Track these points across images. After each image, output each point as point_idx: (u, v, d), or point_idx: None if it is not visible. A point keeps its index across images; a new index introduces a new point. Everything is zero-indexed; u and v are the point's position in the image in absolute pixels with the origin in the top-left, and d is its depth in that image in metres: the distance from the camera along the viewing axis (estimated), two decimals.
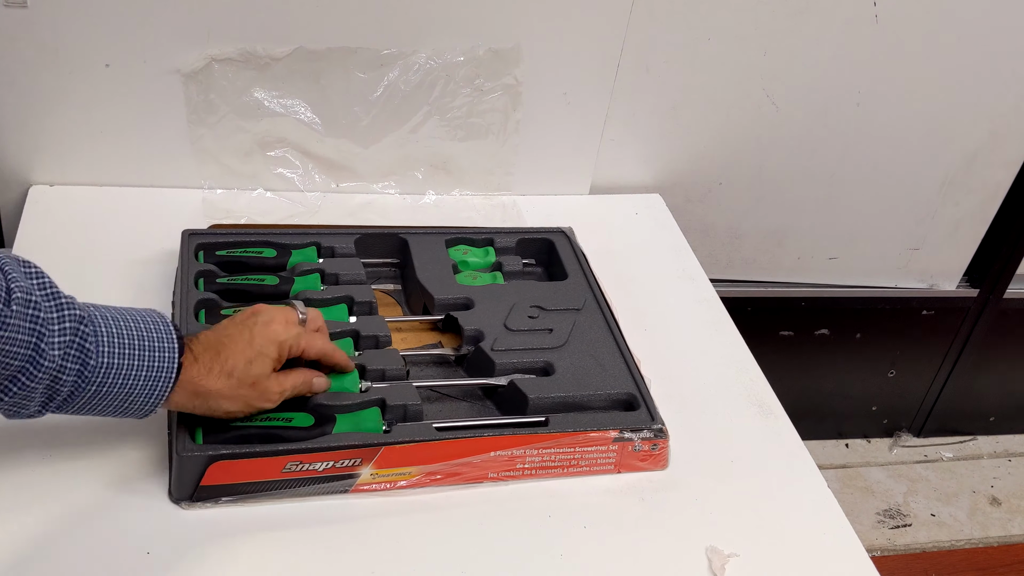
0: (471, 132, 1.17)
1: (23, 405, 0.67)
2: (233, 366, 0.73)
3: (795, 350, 1.59)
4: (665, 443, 0.86)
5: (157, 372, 0.70)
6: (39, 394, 0.67)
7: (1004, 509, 1.74)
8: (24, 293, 0.64)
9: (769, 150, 1.32)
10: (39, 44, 1.02)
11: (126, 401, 0.70)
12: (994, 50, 1.27)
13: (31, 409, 0.68)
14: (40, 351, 0.64)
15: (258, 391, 0.75)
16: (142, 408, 0.71)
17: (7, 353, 0.63)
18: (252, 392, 0.75)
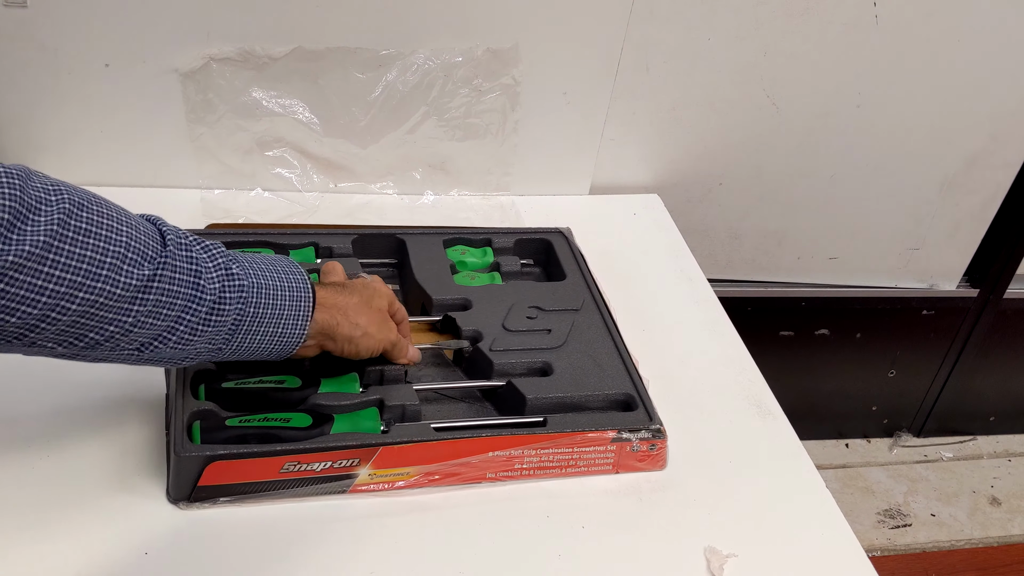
0: (469, 132, 1.17)
1: (189, 342, 0.68)
2: (360, 293, 0.80)
3: (795, 350, 1.59)
4: (663, 443, 0.86)
5: (298, 287, 0.74)
6: (203, 333, 0.68)
7: (1004, 509, 1.74)
8: (175, 236, 0.67)
9: (769, 150, 1.32)
10: (39, 44, 1.02)
11: (280, 324, 0.73)
12: (994, 51, 1.27)
13: (197, 346, 0.69)
14: (200, 286, 0.67)
15: (384, 318, 0.82)
16: (295, 330, 0.74)
17: (172, 293, 0.65)
18: (382, 317, 0.81)
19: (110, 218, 0.62)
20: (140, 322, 0.64)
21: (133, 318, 0.64)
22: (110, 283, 0.61)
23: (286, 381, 0.83)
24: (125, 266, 0.62)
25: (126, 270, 0.62)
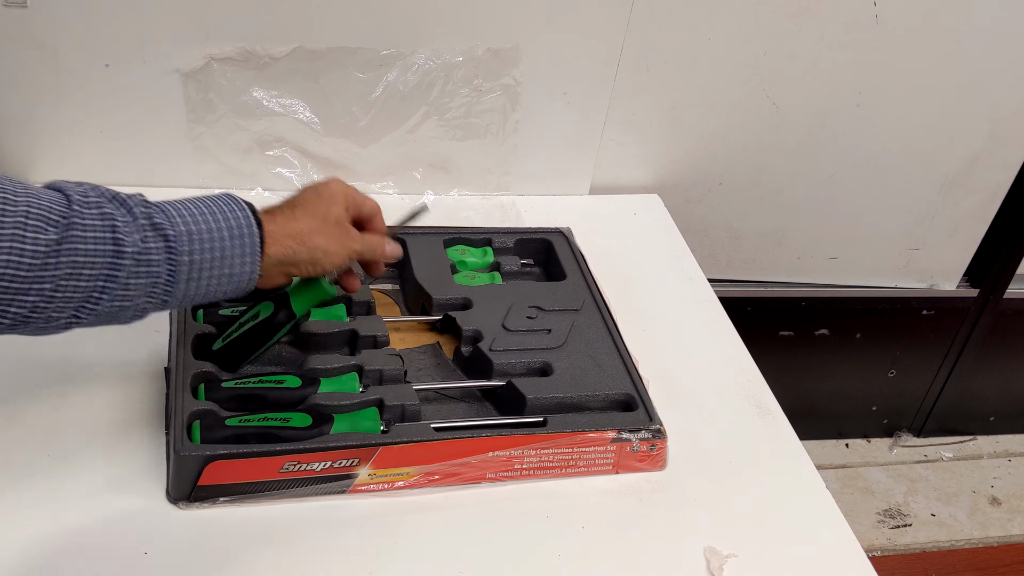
0: (470, 132, 1.17)
1: (126, 297, 0.66)
2: (313, 209, 0.76)
3: (795, 350, 1.59)
4: (663, 443, 0.86)
5: (239, 226, 0.71)
6: (137, 287, 0.66)
7: (1004, 509, 1.74)
8: (82, 195, 0.64)
9: (769, 150, 1.32)
10: (39, 44, 1.02)
11: (227, 267, 0.70)
12: (994, 51, 1.27)
13: (137, 301, 0.67)
14: (118, 240, 0.64)
15: (344, 229, 0.78)
16: (246, 269, 0.71)
17: (89, 252, 0.63)
18: (340, 230, 0.78)
19: (3, 191, 0.61)
20: (61, 286, 0.63)
21: (52, 284, 0.62)
22: (15, 254, 0.60)
23: (286, 381, 0.83)
24: (28, 234, 0.60)
25: (30, 237, 0.60)
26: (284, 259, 0.74)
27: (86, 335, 0.90)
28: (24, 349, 0.89)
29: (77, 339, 0.90)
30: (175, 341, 0.85)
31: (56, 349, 0.89)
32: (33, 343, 0.89)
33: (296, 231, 0.75)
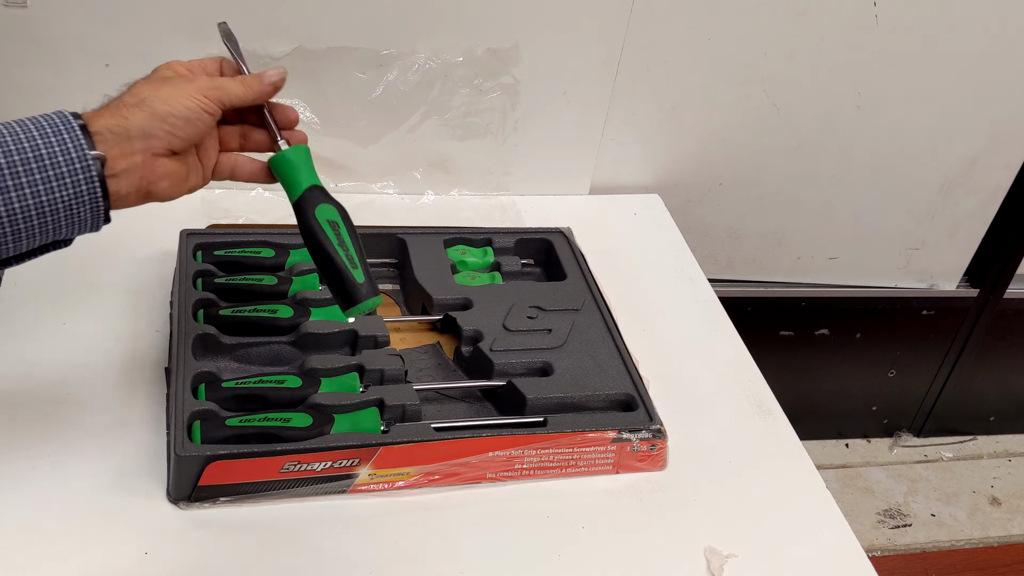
0: (470, 132, 1.17)
1: None
2: (142, 91, 0.67)
3: (795, 350, 1.59)
4: (663, 443, 0.86)
5: (49, 121, 0.62)
6: None
7: (1004, 509, 1.74)
8: None
9: (769, 150, 1.32)
10: (39, 44, 1.02)
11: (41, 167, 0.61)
12: (995, 52, 1.27)
13: None
14: None
15: (180, 77, 0.69)
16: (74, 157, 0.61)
17: None
18: (176, 80, 0.68)
19: None
20: None
21: None
22: None
23: (286, 381, 0.83)
24: None
25: None
26: (119, 129, 0.64)
27: (86, 336, 0.91)
28: (25, 349, 0.89)
29: (78, 339, 0.91)
30: (175, 341, 0.85)
31: (56, 349, 0.89)
32: (34, 343, 0.89)
33: (120, 100, 0.66)
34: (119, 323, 0.93)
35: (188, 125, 0.67)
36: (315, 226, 0.72)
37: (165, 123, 0.66)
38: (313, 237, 0.72)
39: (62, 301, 0.94)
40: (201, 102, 0.68)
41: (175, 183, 0.69)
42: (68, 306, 0.94)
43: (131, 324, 0.93)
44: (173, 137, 0.66)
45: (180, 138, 0.67)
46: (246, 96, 0.71)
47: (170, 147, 0.67)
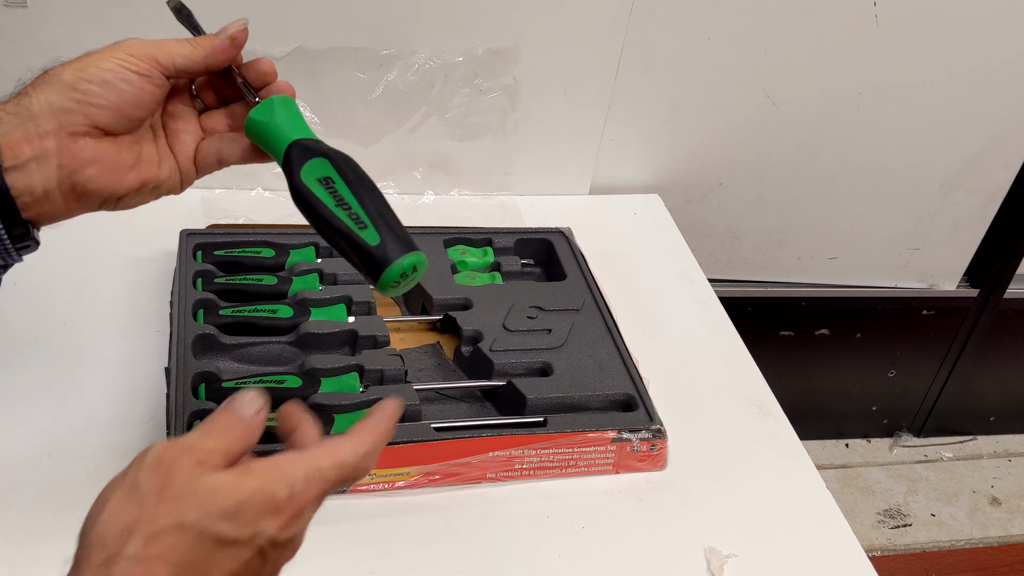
0: (470, 132, 1.17)
1: None
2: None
3: (795, 350, 1.59)
4: (663, 444, 0.86)
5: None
6: None
7: (1004, 509, 1.74)
8: None
9: (769, 150, 1.32)
10: (39, 44, 1.02)
11: None
12: (995, 51, 1.27)
13: None
14: None
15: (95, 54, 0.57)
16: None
17: None
18: None
19: None
20: None
21: None
22: None
23: (286, 381, 0.83)
24: None
25: None
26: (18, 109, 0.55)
27: (86, 336, 0.91)
28: (25, 348, 0.89)
29: (78, 339, 0.91)
30: (175, 341, 0.85)
31: (56, 349, 0.89)
32: (33, 343, 0.89)
33: (31, 81, 0.56)
34: (119, 323, 0.93)
35: (107, 90, 0.54)
36: (303, 189, 0.57)
37: (75, 91, 0.54)
38: (305, 205, 0.57)
39: (61, 301, 0.94)
40: (124, 61, 0.55)
41: (110, 169, 0.55)
42: (68, 306, 0.94)
43: (131, 324, 0.93)
44: (90, 106, 0.53)
45: (99, 107, 0.54)
46: (195, 54, 0.59)
47: (91, 120, 0.54)
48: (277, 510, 0.46)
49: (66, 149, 0.53)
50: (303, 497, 0.47)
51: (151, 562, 0.43)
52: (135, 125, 0.57)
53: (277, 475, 0.47)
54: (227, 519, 0.44)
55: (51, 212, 0.54)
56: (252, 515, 0.45)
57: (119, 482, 0.46)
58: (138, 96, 0.56)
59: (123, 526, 0.44)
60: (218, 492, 0.45)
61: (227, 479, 0.45)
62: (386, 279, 0.54)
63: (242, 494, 0.45)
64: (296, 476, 0.47)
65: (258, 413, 0.50)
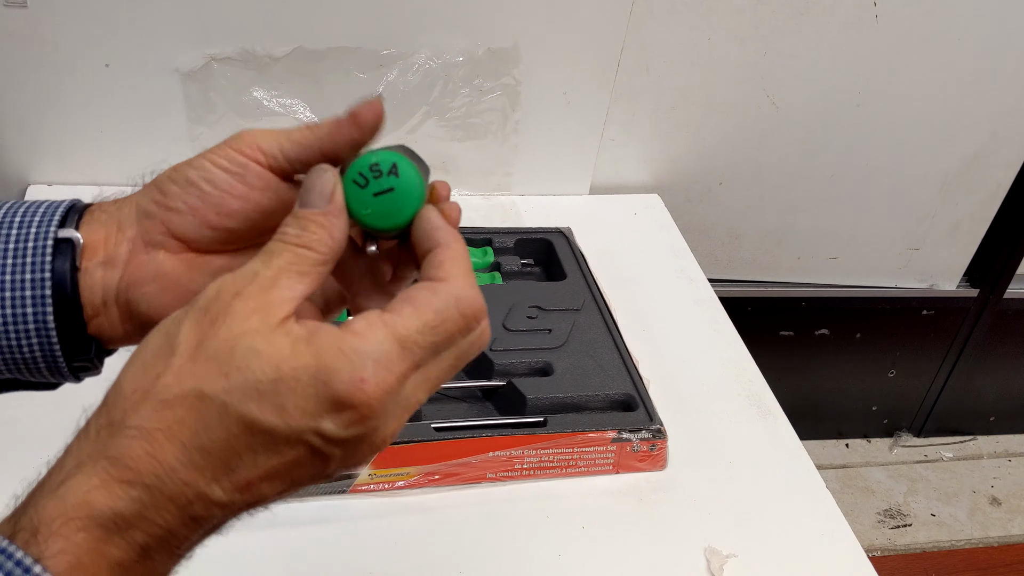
0: (470, 132, 1.17)
1: None
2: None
3: (795, 350, 1.59)
4: (663, 444, 0.86)
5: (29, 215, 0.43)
6: None
7: (1004, 509, 1.74)
8: None
9: (769, 150, 1.32)
10: (39, 44, 1.02)
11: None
12: (994, 51, 1.27)
13: None
14: None
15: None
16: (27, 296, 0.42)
17: None
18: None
19: None
20: None
21: None
22: None
23: None
24: None
25: None
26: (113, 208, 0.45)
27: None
28: None
29: None
30: None
31: None
32: None
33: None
34: None
35: (188, 191, 0.43)
36: None
37: (160, 191, 0.43)
38: None
39: None
40: (217, 155, 0.43)
41: (166, 290, 0.44)
42: None
43: None
44: (168, 211, 0.43)
45: (176, 211, 0.43)
46: (306, 136, 0.45)
47: (168, 228, 0.43)
48: (335, 402, 0.34)
49: (136, 258, 0.43)
50: (379, 385, 0.35)
51: (156, 437, 0.35)
52: (227, 240, 0.44)
53: (339, 353, 0.35)
54: (260, 398, 0.34)
55: (110, 329, 0.44)
56: (297, 401, 0.34)
57: (165, 324, 0.37)
58: (224, 200, 0.42)
59: (139, 386, 0.36)
60: (258, 359, 0.34)
61: (276, 343, 0.35)
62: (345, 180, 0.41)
63: (285, 369, 0.34)
64: (368, 345, 0.35)
65: (331, 200, 0.39)
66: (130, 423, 0.35)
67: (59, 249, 0.41)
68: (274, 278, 0.36)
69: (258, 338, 0.35)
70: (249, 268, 0.37)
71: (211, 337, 0.35)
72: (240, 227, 0.43)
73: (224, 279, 0.37)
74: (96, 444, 0.36)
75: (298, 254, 0.37)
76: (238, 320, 0.35)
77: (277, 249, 0.37)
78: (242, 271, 0.37)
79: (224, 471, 0.35)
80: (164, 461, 0.35)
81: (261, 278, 0.36)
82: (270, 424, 0.34)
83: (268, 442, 0.35)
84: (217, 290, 0.36)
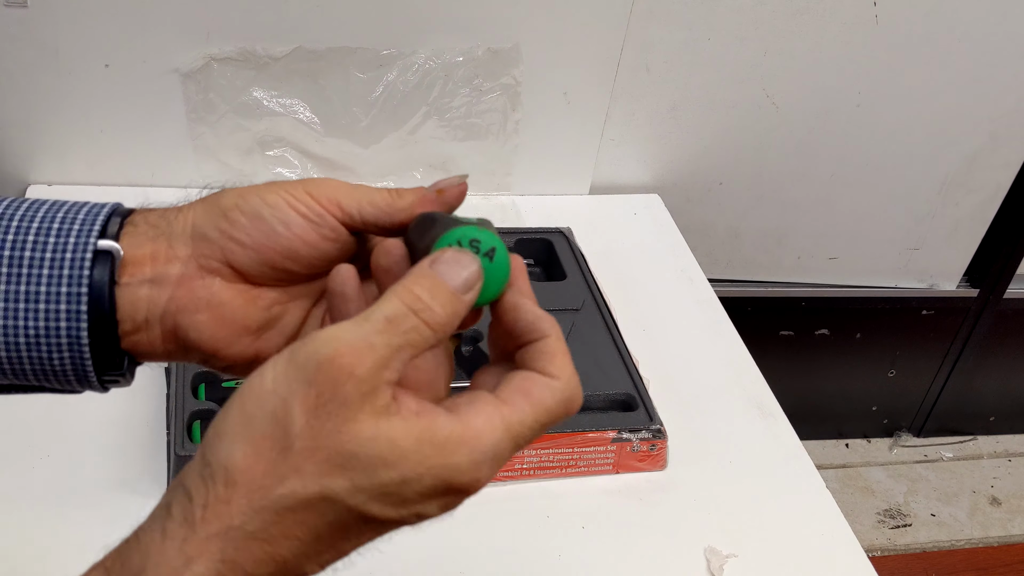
0: (470, 132, 1.17)
1: None
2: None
3: (795, 350, 1.59)
4: (663, 444, 0.86)
5: (68, 221, 0.41)
6: None
7: (1004, 509, 1.74)
8: None
9: (769, 150, 1.32)
10: (39, 44, 1.02)
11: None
12: (994, 51, 1.27)
13: None
14: None
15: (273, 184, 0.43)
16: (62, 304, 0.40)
17: None
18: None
19: None
20: None
21: None
22: None
23: None
24: None
25: None
26: (161, 222, 0.43)
27: None
28: None
29: None
30: None
31: None
32: None
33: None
34: None
35: (257, 227, 0.41)
36: None
37: (224, 218, 0.42)
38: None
39: None
40: (293, 198, 0.42)
41: (222, 323, 0.43)
42: None
43: None
44: (230, 241, 0.42)
45: (240, 244, 0.42)
46: (392, 204, 0.43)
47: (227, 257, 0.42)
48: (447, 491, 0.37)
49: (187, 282, 0.42)
50: (491, 477, 0.38)
51: (277, 539, 0.34)
52: (283, 279, 0.44)
53: (464, 446, 0.36)
54: (384, 499, 0.35)
55: (148, 346, 0.43)
56: (416, 496, 0.36)
57: (264, 396, 0.36)
58: (294, 245, 0.42)
59: (257, 481, 0.34)
60: (384, 464, 0.34)
61: (400, 444, 0.34)
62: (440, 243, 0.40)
63: (410, 472, 0.35)
64: (487, 445, 0.37)
65: (471, 290, 0.38)
66: (250, 528, 0.34)
67: (98, 259, 0.40)
68: (388, 359, 0.35)
69: (380, 431, 0.34)
70: (362, 336, 0.35)
71: (330, 433, 0.34)
72: (300, 270, 0.43)
73: (328, 340, 0.34)
74: (207, 542, 0.34)
75: (420, 332, 0.36)
76: (353, 409, 0.34)
77: (399, 315, 0.35)
78: (353, 336, 0.35)
79: (329, 550, 0.37)
80: (279, 557, 0.35)
81: (376, 355, 0.34)
82: (387, 516, 0.36)
83: (378, 526, 0.37)
84: (325, 359, 0.34)
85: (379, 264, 0.42)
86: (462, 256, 0.38)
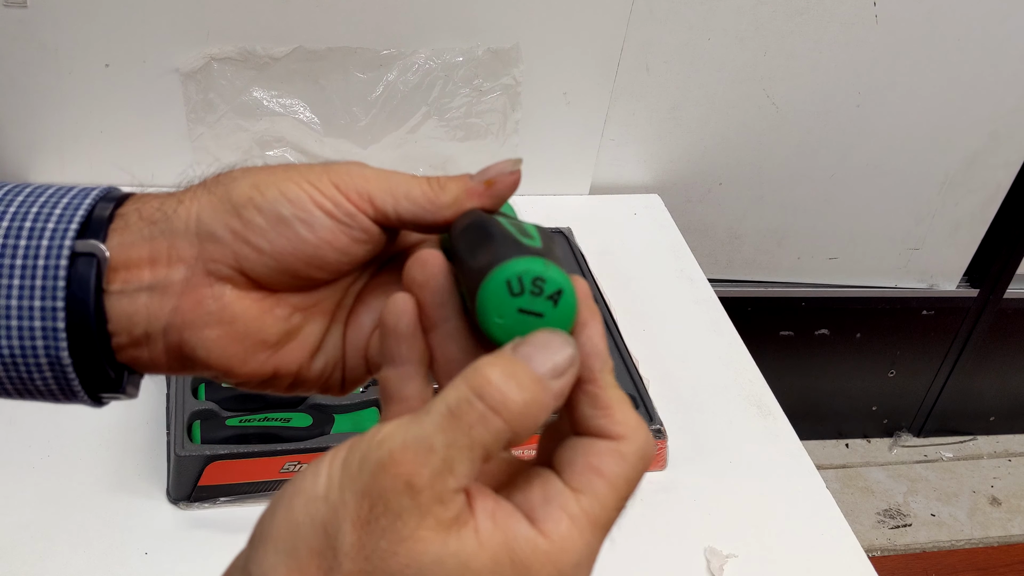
0: (470, 132, 1.17)
1: None
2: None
3: (795, 350, 1.59)
4: (663, 444, 0.86)
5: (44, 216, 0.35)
6: None
7: (1004, 509, 1.74)
8: None
9: (769, 150, 1.32)
10: (39, 44, 1.02)
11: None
12: (994, 51, 1.27)
13: None
14: None
15: (288, 170, 0.37)
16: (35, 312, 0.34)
17: None
18: None
19: None
20: None
21: None
22: None
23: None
24: None
25: None
26: (158, 216, 0.36)
27: None
28: None
29: None
30: None
31: None
32: None
33: (203, 182, 0.38)
34: None
35: (277, 230, 0.35)
36: None
37: (237, 217, 0.35)
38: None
39: None
40: (318, 192, 0.35)
41: (236, 339, 0.36)
42: None
43: None
44: (245, 245, 0.35)
45: (256, 249, 0.35)
46: (434, 199, 0.37)
47: (240, 264, 0.35)
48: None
49: (192, 291, 0.36)
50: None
51: None
52: (304, 287, 0.37)
53: (549, 564, 0.31)
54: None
55: (150, 361, 0.37)
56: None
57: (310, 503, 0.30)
58: (321, 251, 0.35)
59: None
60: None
61: (470, 561, 0.28)
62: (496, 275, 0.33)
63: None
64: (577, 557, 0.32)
65: (561, 376, 0.31)
66: None
67: (81, 263, 0.33)
68: (451, 461, 0.28)
69: (447, 560, 0.28)
70: (421, 436, 0.28)
71: (384, 555, 0.28)
72: (325, 277, 0.37)
73: (382, 441, 0.29)
74: None
75: (489, 425, 0.29)
76: (411, 525, 0.28)
77: (463, 403, 0.29)
78: (409, 436, 0.28)
79: None
80: None
81: (437, 459, 0.28)
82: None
83: None
84: (378, 466, 0.28)
85: (413, 278, 0.34)
86: (553, 338, 0.31)
